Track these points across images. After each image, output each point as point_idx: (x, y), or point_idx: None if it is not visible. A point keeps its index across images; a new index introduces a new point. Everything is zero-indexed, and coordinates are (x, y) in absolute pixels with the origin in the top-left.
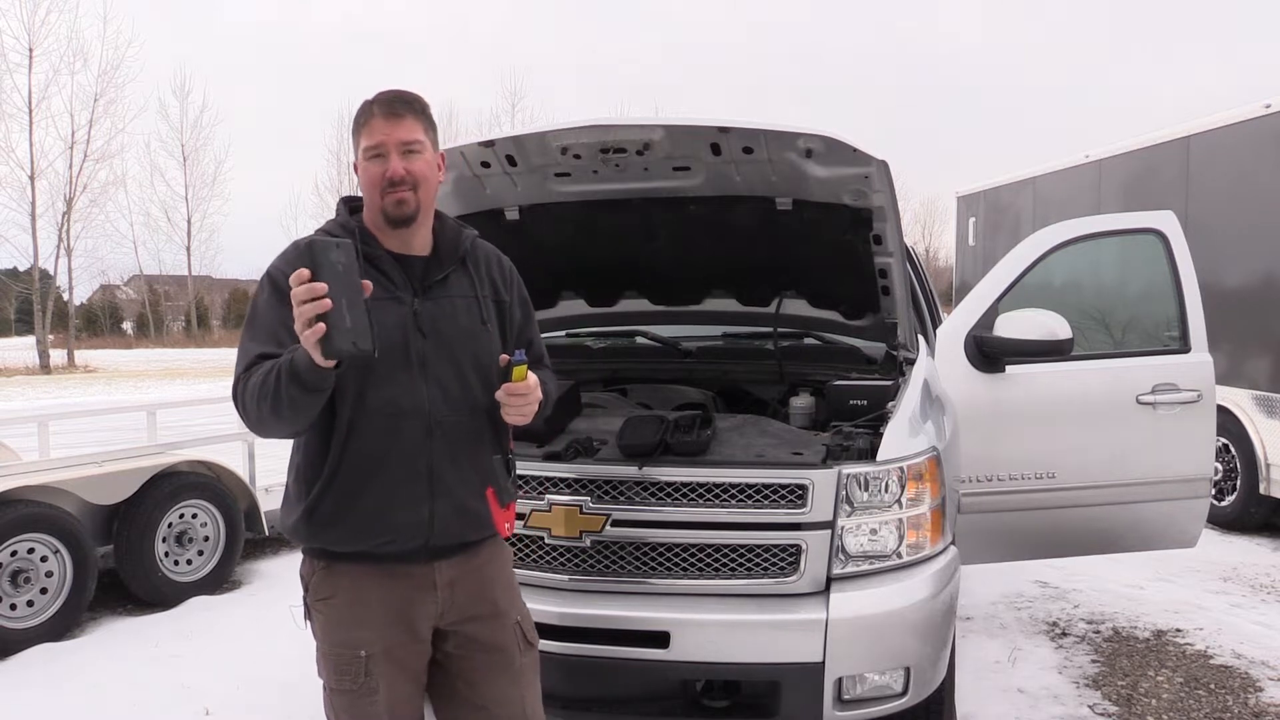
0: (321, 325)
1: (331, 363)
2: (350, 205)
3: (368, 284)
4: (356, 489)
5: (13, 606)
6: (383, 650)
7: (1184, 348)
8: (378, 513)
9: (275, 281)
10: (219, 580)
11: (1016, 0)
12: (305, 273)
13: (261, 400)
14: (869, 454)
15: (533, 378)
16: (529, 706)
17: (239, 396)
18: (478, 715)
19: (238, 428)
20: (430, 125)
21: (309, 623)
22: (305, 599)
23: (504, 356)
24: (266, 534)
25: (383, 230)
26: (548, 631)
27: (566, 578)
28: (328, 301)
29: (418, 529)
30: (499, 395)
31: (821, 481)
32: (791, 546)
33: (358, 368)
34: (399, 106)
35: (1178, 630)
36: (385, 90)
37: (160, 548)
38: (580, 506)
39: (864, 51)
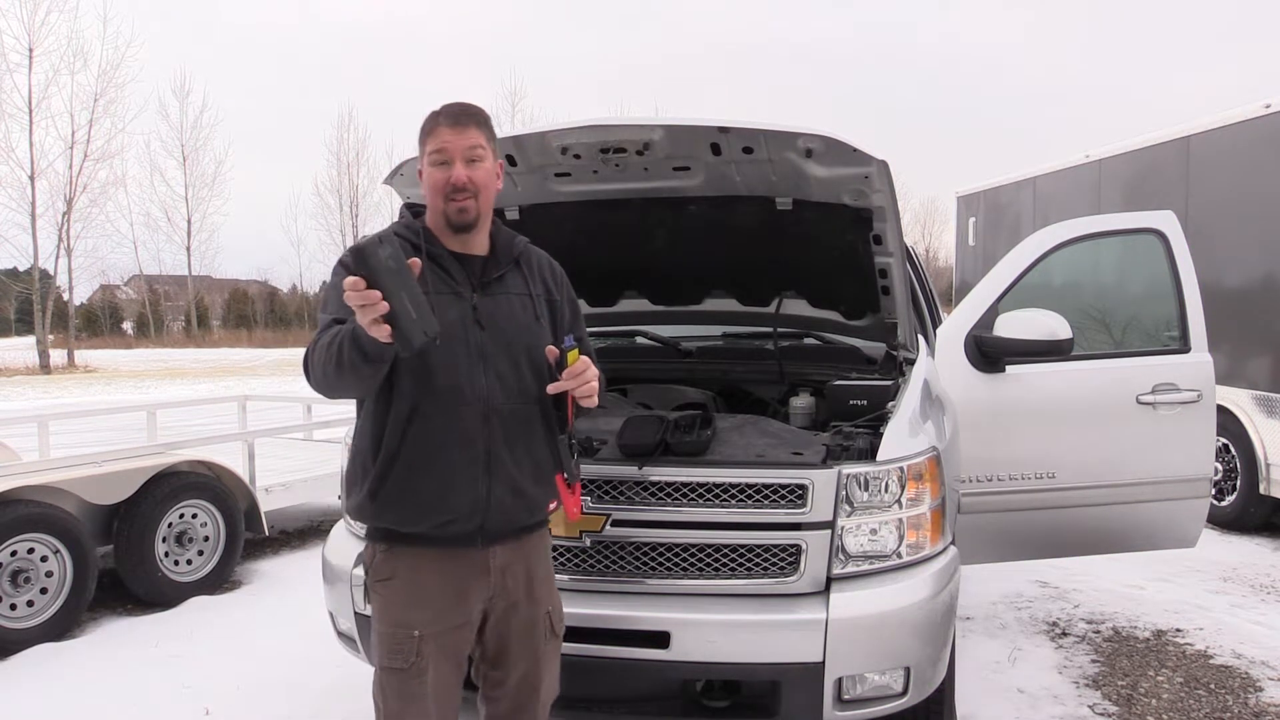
0: (387, 326)
1: (386, 341)
2: (413, 210)
3: (415, 262)
4: (418, 470)
5: (13, 606)
6: (435, 633)
7: (1184, 348)
8: (438, 493)
9: (346, 265)
10: (219, 580)
11: (1018, 1)
12: (360, 281)
13: (327, 361)
14: (869, 454)
15: (585, 357)
16: (544, 688)
17: (308, 355)
18: (498, 690)
19: (237, 427)
20: (491, 135)
21: (367, 604)
22: (365, 581)
23: (551, 349)
24: (266, 534)
25: (444, 232)
26: None
27: (567, 578)
28: (385, 305)
29: (475, 509)
30: (562, 384)
31: (821, 481)
32: (791, 546)
33: (422, 356)
34: (463, 117)
35: (1178, 630)
36: (451, 102)
37: (160, 548)
38: (580, 507)
39: (865, 51)
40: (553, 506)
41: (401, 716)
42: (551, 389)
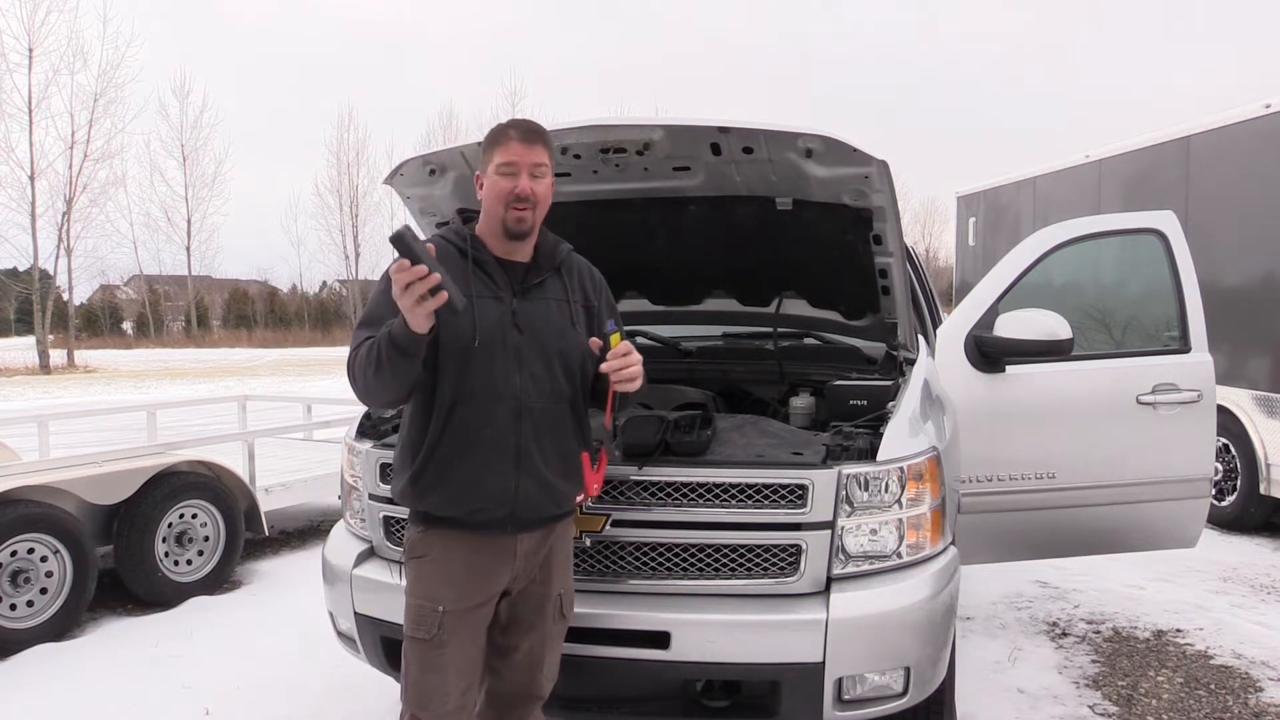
0: (443, 293)
1: (426, 329)
2: (463, 216)
3: (431, 246)
4: (454, 460)
5: (13, 606)
6: (458, 610)
7: (1184, 348)
8: (471, 482)
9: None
10: (219, 580)
11: (1019, 1)
12: (405, 262)
13: (367, 365)
14: (869, 454)
15: (626, 342)
16: (547, 664)
17: (350, 367)
18: (501, 660)
19: (237, 427)
20: (552, 156)
21: (403, 579)
22: (403, 556)
23: (594, 340)
24: (266, 534)
25: (495, 238)
26: None
27: None
28: (436, 276)
29: (504, 499)
30: (605, 367)
31: (821, 481)
32: (791, 546)
33: (462, 356)
34: (533, 135)
35: (1178, 630)
36: (521, 119)
37: (160, 548)
38: (580, 506)
39: (865, 51)
40: (580, 499)
41: (422, 684)
42: (604, 367)
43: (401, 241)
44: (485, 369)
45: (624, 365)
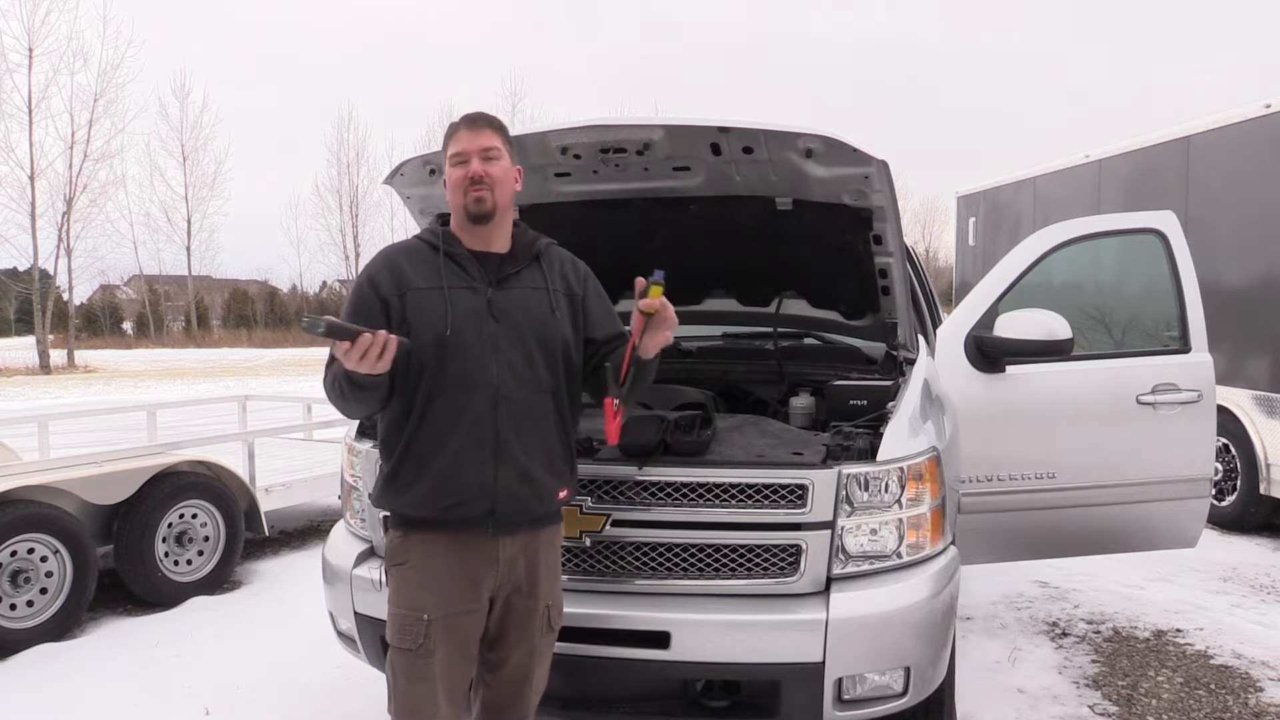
0: (393, 341)
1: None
2: (441, 220)
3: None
4: (430, 453)
5: (13, 606)
6: (443, 616)
7: (1184, 348)
8: (448, 474)
9: (374, 283)
10: (219, 580)
11: (1020, 3)
12: (345, 345)
13: (334, 392)
14: (869, 454)
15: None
16: (535, 677)
17: (324, 387)
18: (489, 673)
19: (237, 427)
20: (507, 140)
21: (384, 586)
22: (383, 563)
23: (639, 280)
24: (266, 534)
25: (466, 230)
26: None
27: (567, 578)
28: (383, 333)
29: (483, 492)
30: (644, 304)
31: (821, 481)
32: (791, 547)
33: (438, 349)
34: (479, 121)
35: (1178, 630)
36: (470, 111)
37: (160, 548)
38: (580, 506)
39: (864, 51)
40: (563, 495)
41: (409, 695)
42: (642, 305)
43: (334, 329)
44: (460, 359)
45: (663, 306)
